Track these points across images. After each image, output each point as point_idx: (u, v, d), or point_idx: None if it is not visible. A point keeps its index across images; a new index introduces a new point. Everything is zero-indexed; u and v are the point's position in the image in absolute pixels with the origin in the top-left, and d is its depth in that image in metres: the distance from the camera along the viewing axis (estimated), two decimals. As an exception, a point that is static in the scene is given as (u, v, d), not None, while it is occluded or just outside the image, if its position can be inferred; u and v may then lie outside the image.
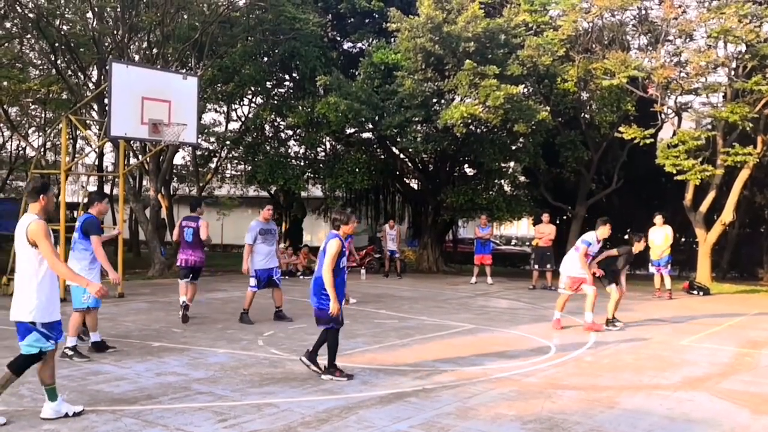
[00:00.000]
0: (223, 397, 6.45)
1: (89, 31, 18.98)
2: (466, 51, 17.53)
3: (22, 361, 5.52)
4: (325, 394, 6.62)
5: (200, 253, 10.97)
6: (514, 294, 16.22)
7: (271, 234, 11.11)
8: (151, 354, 8.28)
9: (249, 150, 22.97)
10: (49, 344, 5.50)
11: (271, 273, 11.01)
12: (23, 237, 5.39)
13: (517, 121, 17.62)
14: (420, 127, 20.34)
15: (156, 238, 19.63)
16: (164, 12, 18.01)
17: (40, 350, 5.47)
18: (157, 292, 14.63)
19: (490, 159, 20.20)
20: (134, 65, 15.44)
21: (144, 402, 6.22)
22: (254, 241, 10.86)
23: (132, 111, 12.90)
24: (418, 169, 24.30)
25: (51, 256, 5.37)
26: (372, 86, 19.70)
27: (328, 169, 22.13)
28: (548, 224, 17.90)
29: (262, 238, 10.92)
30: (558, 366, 8.16)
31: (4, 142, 29.43)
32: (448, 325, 11.05)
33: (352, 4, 20.97)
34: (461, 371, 7.71)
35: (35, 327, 5.43)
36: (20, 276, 5.50)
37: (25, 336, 5.44)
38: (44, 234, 5.34)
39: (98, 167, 26.74)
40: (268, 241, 10.98)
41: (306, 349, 7.62)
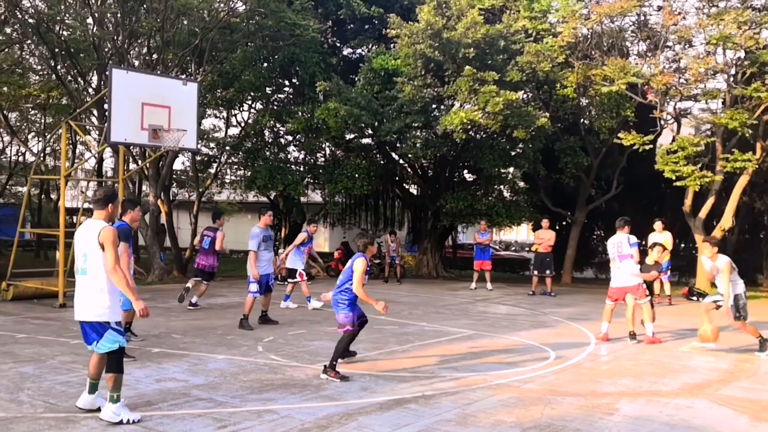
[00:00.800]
0: (222, 403, 6.45)
1: (89, 37, 18.99)
2: (466, 57, 17.57)
3: (114, 360, 5.73)
4: (325, 401, 6.62)
5: (213, 260, 12.90)
6: (514, 300, 16.22)
7: (271, 240, 11.48)
8: (150, 360, 8.28)
9: (249, 155, 23.01)
10: (124, 338, 5.91)
11: (269, 278, 11.29)
12: (95, 241, 5.64)
13: (517, 126, 17.65)
14: (419, 132, 20.39)
15: (155, 244, 19.63)
16: (164, 18, 18.04)
17: (119, 345, 5.77)
18: (156, 298, 14.61)
19: (490, 165, 20.24)
20: (134, 71, 15.44)
21: (144, 408, 6.21)
22: (258, 247, 11.02)
23: (132, 116, 12.90)
24: (417, 175, 24.33)
25: (114, 263, 5.63)
26: (372, 92, 19.74)
27: (327, 175, 22.16)
28: (548, 230, 17.91)
29: (264, 244, 11.18)
30: (557, 372, 8.16)
31: (3, 147, 29.43)
32: (448, 331, 11.06)
33: (352, 11, 21.03)
34: (461, 378, 7.71)
35: (109, 326, 5.73)
36: (90, 278, 5.69)
37: (101, 335, 5.70)
38: (113, 240, 5.66)
39: (98, 172, 26.76)
40: (268, 248, 11.31)
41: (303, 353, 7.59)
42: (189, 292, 13.07)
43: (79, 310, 5.74)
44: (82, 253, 5.73)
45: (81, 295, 5.74)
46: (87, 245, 5.70)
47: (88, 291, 5.69)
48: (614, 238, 10.66)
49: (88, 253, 5.69)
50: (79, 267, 5.76)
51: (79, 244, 5.78)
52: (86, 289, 5.71)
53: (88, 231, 5.73)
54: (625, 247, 10.47)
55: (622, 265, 10.41)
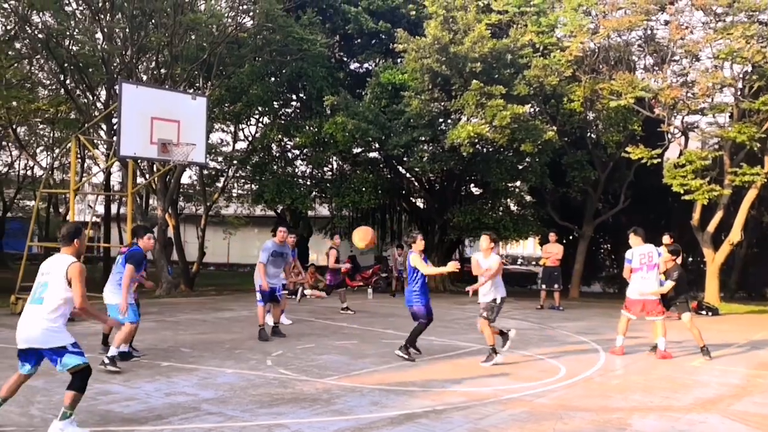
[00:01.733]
0: (233, 417, 6.43)
1: (98, 52, 19.12)
2: (473, 71, 17.63)
3: (79, 378, 5.84)
4: (335, 415, 6.59)
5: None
6: (522, 314, 16.16)
7: (282, 258, 11.46)
8: (160, 374, 8.27)
9: (256, 169, 23.07)
10: (84, 358, 5.90)
11: (275, 289, 11.36)
12: (62, 274, 5.79)
13: (524, 140, 17.68)
14: (427, 146, 20.42)
15: (163, 257, 19.64)
16: (173, 33, 18.15)
17: (83, 363, 5.85)
18: (164, 312, 14.61)
19: (497, 178, 20.24)
20: (143, 85, 15.55)
21: (154, 422, 6.20)
22: (266, 261, 11.13)
23: (141, 131, 12.98)
24: (424, 189, 24.34)
25: (82, 299, 5.83)
26: (379, 106, 19.81)
27: (334, 189, 22.19)
28: (555, 243, 17.86)
29: (273, 259, 11.23)
30: (568, 387, 8.12)
31: (12, 161, 29.60)
32: (457, 345, 11.01)
33: (360, 25, 21.14)
34: (471, 392, 7.68)
35: (66, 349, 5.79)
36: (45, 307, 5.76)
37: (62, 357, 5.77)
38: (81, 276, 5.83)
39: (106, 186, 26.86)
40: (276, 264, 11.35)
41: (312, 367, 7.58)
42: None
43: (32, 338, 5.74)
44: (42, 283, 5.86)
45: (33, 323, 5.75)
46: (51, 277, 5.83)
47: (41, 319, 5.73)
48: (642, 248, 10.44)
49: (49, 283, 5.82)
50: (36, 296, 5.83)
51: (43, 275, 5.90)
52: (39, 318, 5.74)
53: (56, 264, 5.89)
54: (655, 256, 10.36)
55: (649, 275, 10.29)
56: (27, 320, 5.79)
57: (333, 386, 7.78)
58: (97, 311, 6.36)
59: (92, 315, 6.21)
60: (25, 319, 5.79)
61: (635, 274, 10.36)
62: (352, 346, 10.54)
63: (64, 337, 5.81)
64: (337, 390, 7.61)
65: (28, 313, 5.83)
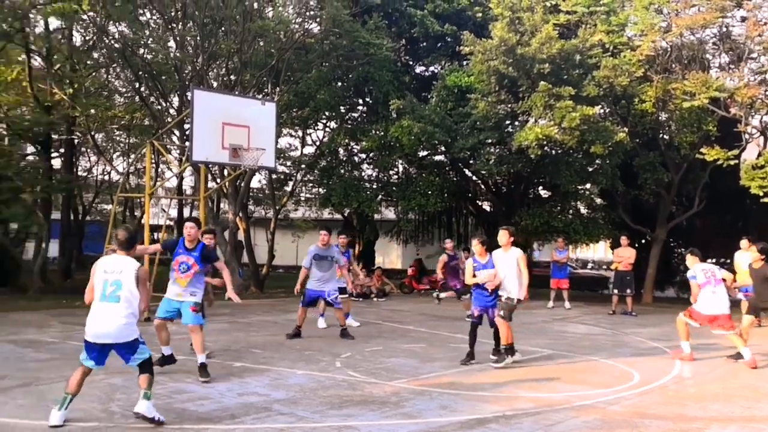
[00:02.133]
0: (303, 418, 6.51)
1: (171, 60, 19.69)
2: (541, 72, 17.40)
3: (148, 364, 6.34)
4: (405, 418, 6.60)
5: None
6: (593, 319, 15.84)
7: (327, 261, 11.53)
8: (233, 374, 8.44)
9: (323, 173, 23.34)
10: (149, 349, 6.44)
11: (322, 295, 11.53)
12: (133, 275, 6.22)
13: (594, 142, 17.34)
14: (493, 149, 20.26)
15: (234, 260, 20.05)
16: (242, 40, 18.55)
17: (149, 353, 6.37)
18: (236, 313, 14.91)
19: (566, 181, 19.90)
20: (214, 92, 15.91)
21: (227, 422, 6.33)
22: (309, 265, 11.39)
23: (213, 136, 13.28)
24: (491, 191, 24.15)
25: (147, 299, 6.48)
26: (445, 109, 19.76)
27: (400, 192, 22.24)
28: (627, 247, 17.43)
29: (317, 263, 11.43)
30: (642, 395, 7.91)
31: (91, 167, 30.71)
32: (526, 350, 10.86)
33: (425, 29, 21.13)
34: (542, 398, 7.57)
35: (138, 341, 6.26)
36: (122, 305, 6.13)
37: (135, 351, 6.23)
38: (146, 279, 6.48)
39: (178, 190, 27.61)
40: (321, 267, 11.49)
41: (381, 369, 7.61)
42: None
43: (109, 334, 6.11)
44: (114, 281, 6.18)
45: (110, 320, 6.10)
46: (123, 276, 6.21)
47: (119, 317, 6.12)
48: (703, 265, 10.33)
49: (123, 282, 6.19)
50: (109, 294, 6.14)
51: (112, 274, 6.21)
52: (116, 315, 6.11)
53: (124, 265, 6.28)
54: (717, 272, 10.21)
55: (718, 289, 10.05)
56: (103, 317, 6.11)
57: (402, 389, 7.80)
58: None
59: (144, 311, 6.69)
60: (101, 316, 6.11)
61: (704, 290, 10.14)
62: (420, 349, 10.53)
63: (136, 331, 6.26)
64: (406, 393, 7.62)
65: (102, 310, 6.13)
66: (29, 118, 20.52)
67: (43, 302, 16.05)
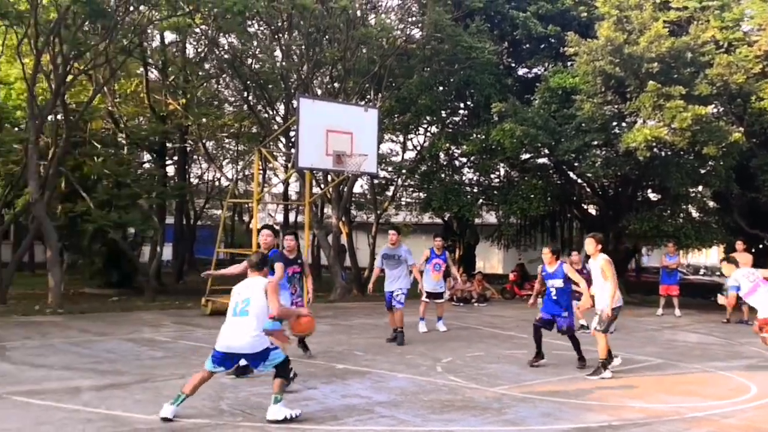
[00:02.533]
0: (405, 421, 6.56)
1: (277, 69, 20.32)
2: (649, 72, 16.81)
3: (282, 368, 6.68)
4: (507, 425, 6.54)
5: None
6: (706, 328, 15.14)
7: (394, 260, 11.71)
8: (335, 376, 8.60)
9: (424, 178, 23.40)
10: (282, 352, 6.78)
11: (389, 295, 11.71)
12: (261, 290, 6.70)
13: (707, 143, 16.59)
14: (599, 151, 19.73)
15: (337, 263, 20.44)
16: (345, 47, 18.91)
17: (284, 356, 6.71)
18: (338, 315, 15.19)
19: (677, 183, 19.11)
20: (319, 99, 16.28)
21: (330, 422, 6.47)
22: (381, 264, 11.79)
23: (318, 143, 13.57)
24: (597, 195, 23.50)
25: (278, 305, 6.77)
26: (548, 111, 19.42)
27: (502, 196, 22.01)
28: (743, 253, 16.50)
29: (385, 262, 11.73)
30: (760, 408, 7.51)
31: (202, 173, 32.01)
32: (633, 359, 10.52)
33: (528, 30, 20.84)
34: (650, 408, 7.32)
35: (269, 349, 6.62)
36: (251, 318, 6.56)
37: (266, 359, 6.59)
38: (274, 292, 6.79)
39: (284, 196, 28.38)
40: (390, 266, 11.73)
41: (482, 375, 7.55)
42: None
43: (239, 346, 6.51)
44: (244, 299, 6.65)
45: (242, 332, 6.50)
46: (251, 293, 6.69)
47: (250, 329, 6.50)
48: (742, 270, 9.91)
49: (251, 299, 6.63)
50: (239, 310, 6.61)
51: (241, 294, 6.73)
52: (246, 329, 6.50)
53: (253, 284, 6.79)
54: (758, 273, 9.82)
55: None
56: (233, 331, 6.55)
57: (503, 395, 7.73)
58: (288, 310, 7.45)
59: (286, 315, 7.16)
60: (232, 330, 6.57)
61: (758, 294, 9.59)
62: (522, 355, 10.39)
63: (265, 341, 6.62)
64: (508, 399, 7.54)
65: (233, 324, 6.60)
66: (146, 128, 21.68)
67: (158, 303, 16.88)
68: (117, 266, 20.69)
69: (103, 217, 17.75)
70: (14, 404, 6.82)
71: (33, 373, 8.37)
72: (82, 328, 12.57)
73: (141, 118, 22.81)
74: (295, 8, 17.61)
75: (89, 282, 21.62)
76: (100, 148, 20.24)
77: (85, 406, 6.78)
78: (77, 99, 19.23)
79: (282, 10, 19.04)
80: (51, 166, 16.94)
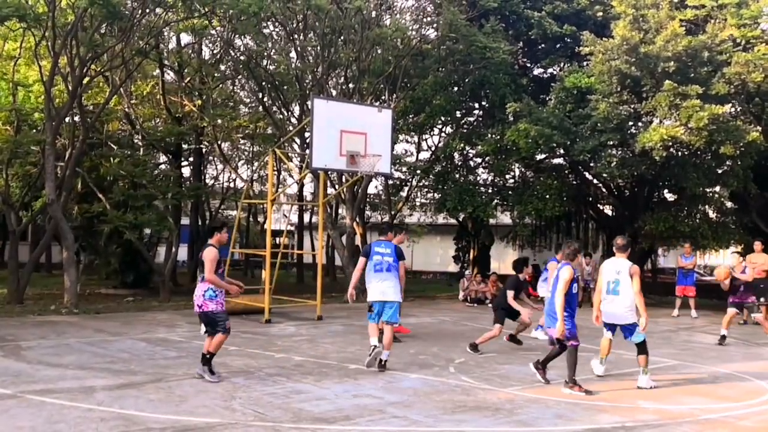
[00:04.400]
0: (416, 422, 6.55)
1: (292, 70, 20.35)
2: (666, 71, 16.68)
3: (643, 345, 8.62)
4: (519, 426, 6.51)
5: None
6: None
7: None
8: (348, 376, 8.61)
9: (438, 178, 23.35)
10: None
11: None
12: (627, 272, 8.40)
13: (724, 142, 16.43)
14: (615, 151, 19.58)
15: (352, 264, 20.40)
16: (360, 48, 18.92)
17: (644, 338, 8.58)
18: (352, 316, 15.20)
19: (694, 183, 18.95)
20: (333, 100, 16.29)
21: (342, 422, 6.47)
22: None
23: (331, 143, 13.56)
24: (612, 195, 23.36)
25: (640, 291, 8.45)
26: (564, 111, 19.31)
27: (517, 196, 21.91)
28: (761, 253, 16.34)
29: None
30: (777, 410, 7.43)
31: (217, 174, 32.13)
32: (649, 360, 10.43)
33: (543, 30, 20.73)
34: (665, 410, 7.26)
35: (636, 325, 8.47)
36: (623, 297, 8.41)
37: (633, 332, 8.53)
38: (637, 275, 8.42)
39: (299, 197, 28.43)
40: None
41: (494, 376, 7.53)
42: None
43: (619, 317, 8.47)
44: (614, 280, 8.38)
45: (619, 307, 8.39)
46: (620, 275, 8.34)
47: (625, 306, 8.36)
48: None
49: (620, 280, 8.31)
50: (611, 289, 8.37)
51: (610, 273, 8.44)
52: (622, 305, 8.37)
53: (622, 265, 8.41)
54: None
55: None
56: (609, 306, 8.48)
57: (516, 396, 7.70)
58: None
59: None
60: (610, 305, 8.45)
61: None
62: (534, 356, 10.31)
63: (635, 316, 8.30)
64: (521, 401, 7.51)
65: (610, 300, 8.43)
66: (162, 129, 21.78)
67: (173, 303, 16.97)
68: (133, 266, 20.82)
69: (119, 217, 17.87)
70: (29, 403, 6.89)
71: (48, 372, 8.44)
72: (97, 327, 12.67)
73: (157, 120, 22.92)
74: (310, 9, 17.64)
75: (105, 282, 21.79)
76: (117, 149, 20.37)
77: (99, 406, 6.83)
78: (94, 101, 19.37)
79: (297, 12, 19.08)
80: (68, 168, 17.07)
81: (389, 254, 9.38)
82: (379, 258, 9.35)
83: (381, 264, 9.32)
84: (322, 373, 8.69)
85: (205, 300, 8.13)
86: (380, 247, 9.51)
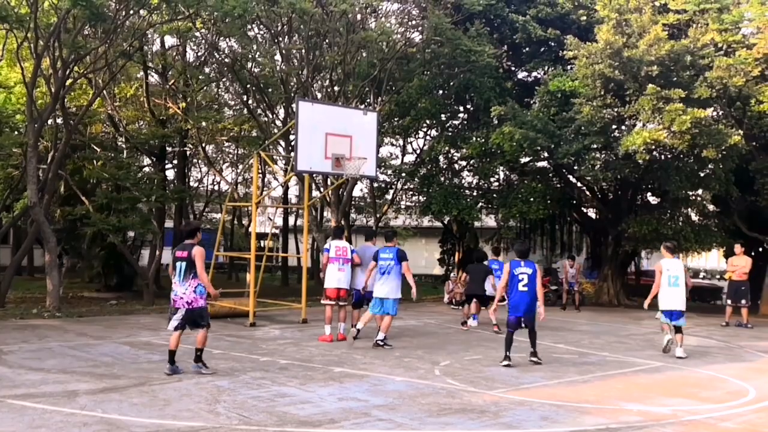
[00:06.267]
0: (402, 425, 6.55)
1: (277, 72, 20.32)
2: (649, 75, 16.83)
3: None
4: (504, 428, 6.52)
5: None
6: (705, 331, 15.13)
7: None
8: (333, 379, 8.59)
9: (424, 181, 23.39)
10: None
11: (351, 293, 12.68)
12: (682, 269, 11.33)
13: (706, 146, 16.59)
14: (599, 154, 19.72)
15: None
16: (345, 51, 18.91)
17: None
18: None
19: (676, 186, 19.11)
20: (318, 103, 16.28)
21: (327, 425, 6.45)
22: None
23: (317, 146, 13.53)
24: (596, 198, 23.51)
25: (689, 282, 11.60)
26: (548, 114, 19.43)
27: (501, 199, 22.01)
28: (742, 256, 16.56)
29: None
30: (758, 411, 7.50)
31: (201, 177, 32.02)
32: (632, 362, 10.52)
33: (528, 34, 20.85)
34: (648, 411, 7.30)
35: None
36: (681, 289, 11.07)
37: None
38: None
39: (284, 200, 28.36)
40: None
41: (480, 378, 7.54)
42: None
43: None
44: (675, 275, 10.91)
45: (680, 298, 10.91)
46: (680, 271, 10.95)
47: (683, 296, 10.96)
48: None
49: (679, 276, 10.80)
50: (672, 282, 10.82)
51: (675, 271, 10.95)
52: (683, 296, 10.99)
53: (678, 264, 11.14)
54: None
55: None
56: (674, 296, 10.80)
57: (501, 399, 7.71)
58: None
59: None
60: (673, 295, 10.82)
61: None
62: (520, 359, 10.37)
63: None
64: (506, 403, 7.53)
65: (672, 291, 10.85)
66: (146, 132, 21.67)
67: (157, 306, 16.86)
68: (116, 270, 20.70)
69: (102, 220, 17.73)
70: (10, 408, 6.81)
71: (30, 377, 8.36)
72: (80, 331, 12.56)
73: (141, 122, 22.80)
74: (295, 12, 17.61)
75: (88, 285, 21.63)
76: (100, 151, 20.24)
77: (82, 410, 6.77)
78: (77, 103, 19.24)
79: (282, 14, 19.05)
80: (50, 170, 16.93)
81: (392, 258, 11.24)
82: (384, 263, 11.25)
83: (385, 268, 11.22)
84: (307, 377, 8.66)
85: (196, 296, 8.55)
86: (385, 253, 11.35)
